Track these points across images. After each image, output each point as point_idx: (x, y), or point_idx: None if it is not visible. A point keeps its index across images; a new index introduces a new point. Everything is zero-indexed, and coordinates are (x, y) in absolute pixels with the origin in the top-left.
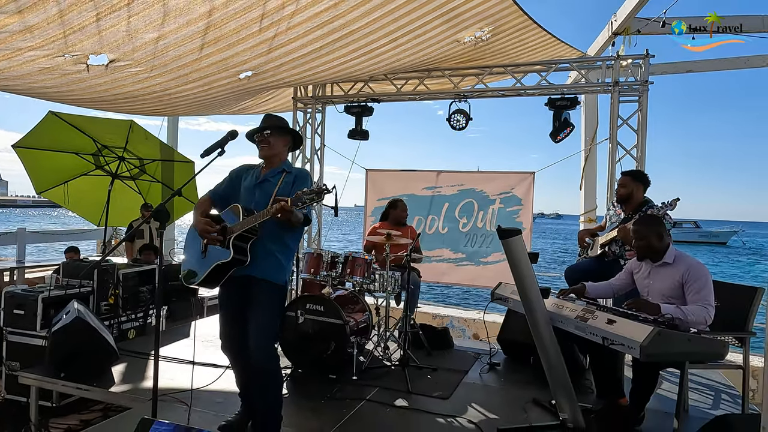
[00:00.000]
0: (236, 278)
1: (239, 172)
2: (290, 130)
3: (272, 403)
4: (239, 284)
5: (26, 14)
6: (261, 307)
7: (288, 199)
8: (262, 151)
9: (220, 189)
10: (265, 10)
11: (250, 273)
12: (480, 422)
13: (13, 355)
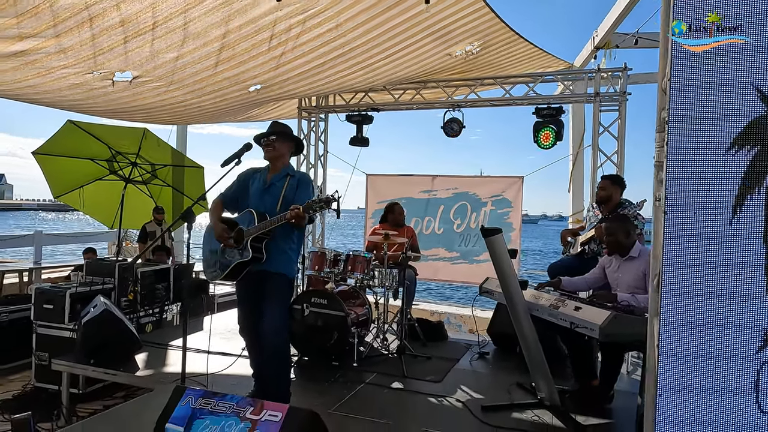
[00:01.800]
0: (254, 273)
1: (246, 176)
2: (294, 136)
3: (283, 381)
4: (257, 278)
5: (62, 38)
6: (275, 296)
7: (301, 207)
8: (268, 153)
9: (230, 192)
10: (273, 32)
11: (266, 268)
12: (467, 401)
13: (43, 346)
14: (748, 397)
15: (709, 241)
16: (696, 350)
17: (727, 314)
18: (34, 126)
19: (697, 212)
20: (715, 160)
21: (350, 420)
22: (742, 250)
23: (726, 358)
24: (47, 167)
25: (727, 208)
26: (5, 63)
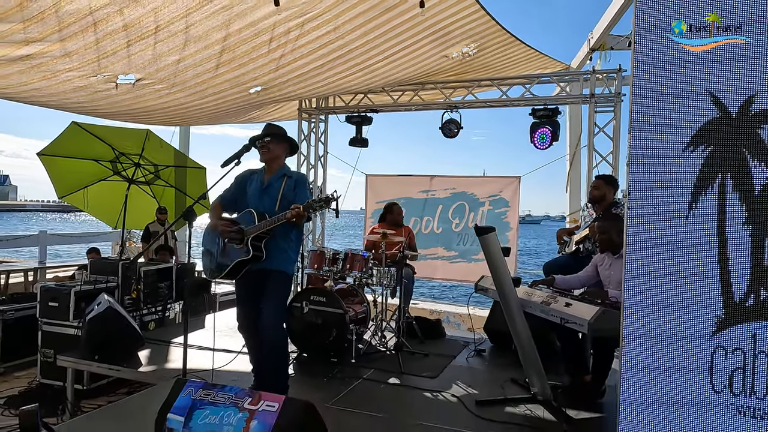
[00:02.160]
0: (253, 271)
1: (244, 177)
2: (288, 137)
3: (281, 375)
4: (257, 276)
5: (67, 42)
6: (274, 293)
7: (301, 206)
8: (264, 155)
9: (228, 194)
10: (273, 35)
11: (266, 266)
12: (462, 396)
13: (48, 343)
14: (703, 377)
15: (668, 233)
16: (655, 332)
17: (684, 301)
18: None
19: (658, 206)
20: (674, 159)
21: (347, 414)
22: (696, 241)
23: (684, 339)
24: (52, 168)
25: (684, 203)
26: (11, 67)
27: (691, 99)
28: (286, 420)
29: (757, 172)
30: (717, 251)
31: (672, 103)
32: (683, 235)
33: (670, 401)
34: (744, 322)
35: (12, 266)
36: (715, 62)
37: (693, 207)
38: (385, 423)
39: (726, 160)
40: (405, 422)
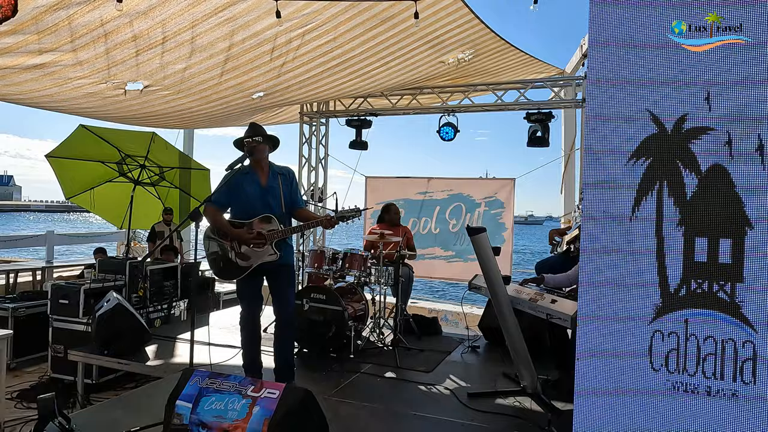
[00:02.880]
0: (267, 267)
1: (236, 180)
2: (272, 137)
3: (292, 352)
4: (270, 271)
5: (79, 52)
6: (292, 284)
7: (335, 217)
8: (257, 155)
9: (222, 197)
10: (275, 44)
11: (280, 262)
12: (455, 389)
13: (58, 339)
14: (643, 358)
15: (615, 233)
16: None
17: (629, 292)
18: (42, 128)
19: (606, 210)
20: (619, 169)
21: (345, 404)
22: (639, 240)
23: (628, 325)
24: (60, 169)
25: (628, 207)
26: (26, 74)
27: (634, 117)
28: (286, 405)
29: (688, 180)
30: (655, 248)
31: (619, 121)
32: (627, 235)
33: (616, 379)
34: (678, 309)
35: (20, 266)
36: (654, 85)
37: (636, 210)
38: (381, 413)
39: (663, 170)
40: (399, 412)
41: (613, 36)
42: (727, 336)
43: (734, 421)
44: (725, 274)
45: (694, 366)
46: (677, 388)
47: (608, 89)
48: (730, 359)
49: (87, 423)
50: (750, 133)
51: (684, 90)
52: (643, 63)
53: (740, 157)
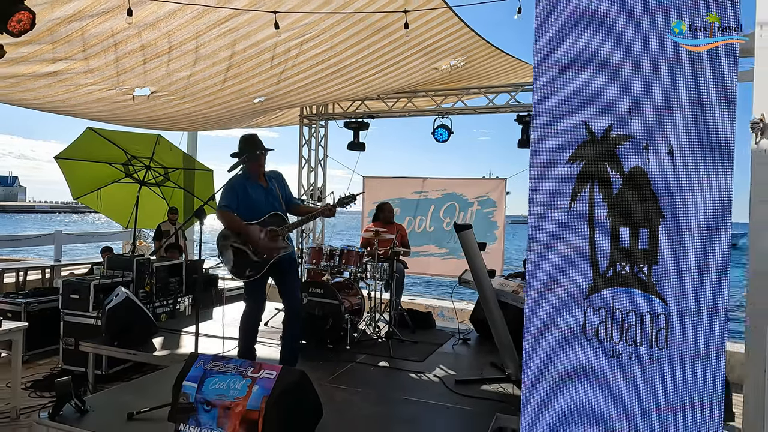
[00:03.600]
0: (278, 260)
1: (241, 186)
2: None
3: (298, 342)
4: (278, 266)
5: (90, 60)
6: (298, 273)
7: (334, 204)
8: (263, 167)
9: (233, 203)
10: (274, 53)
11: (290, 256)
12: (443, 377)
13: (69, 332)
14: (578, 330)
15: (556, 224)
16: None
17: (568, 274)
18: (47, 129)
19: (549, 205)
20: (559, 170)
21: (339, 390)
22: (575, 230)
23: (566, 302)
24: (68, 170)
25: (566, 202)
26: (40, 81)
27: (571, 125)
28: (283, 385)
29: (614, 180)
30: (588, 237)
31: (558, 128)
32: (566, 226)
33: (555, 348)
34: (606, 288)
35: (29, 264)
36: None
37: (572, 205)
38: (372, 397)
39: (594, 171)
40: (390, 397)
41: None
42: (645, 309)
43: (651, 379)
44: (643, 258)
45: (619, 335)
46: (606, 354)
47: (550, 101)
48: (648, 329)
49: (100, 405)
50: (662, 140)
51: (611, 104)
52: (577, 83)
53: (655, 160)
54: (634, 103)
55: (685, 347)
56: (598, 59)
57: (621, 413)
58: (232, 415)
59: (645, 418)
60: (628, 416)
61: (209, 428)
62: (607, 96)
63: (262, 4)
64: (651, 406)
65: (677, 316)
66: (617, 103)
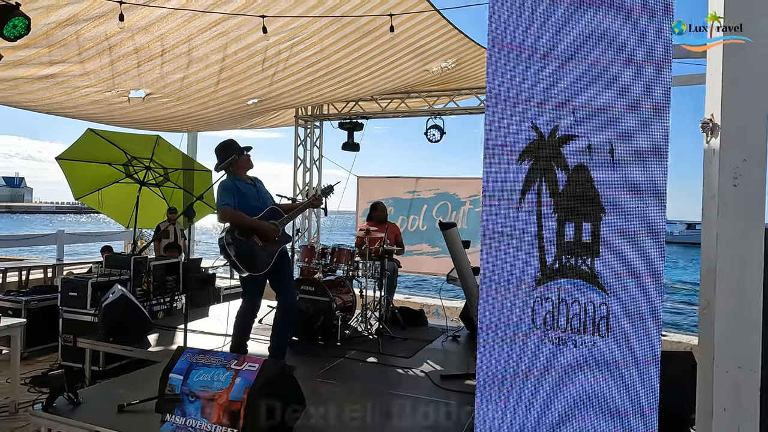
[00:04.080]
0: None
1: (236, 185)
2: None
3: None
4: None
5: (86, 63)
6: (291, 268)
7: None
8: (251, 165)
9: (233, 201)
10: (265, 56)
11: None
12: (429, 372)
13: (68, 329)
14: (528, 318)
15: (507, 219)
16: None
17: (517, 266)
18: (53, 130)
19: (500, 201)
20: (509, 168)
21: (326, 384)
22: (524, 225)
23: (516, 293)
24: (69, 171)
25: (516, 198)
26: (38, 84)
27: (520, 126)
28: (265, 377)
29: (560, 177)
30: (536, 231)
31: (508, 129)
32: (516, 221)
33: (506, 336)
34: (552, 279)
35: (32, 263)
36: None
37: (521, 201)
38: (358, 391)
39: (541, 169)
40: (376, 391)
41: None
42: (588, 300)
43: (593, 365)
44: (586, 251)
45: (564, 324)
46: (552, 342)
47: (502, 104)
48: (590, 318)
49: (92, 397)
50: (603, 139)
51: (557, 106)
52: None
53: (597, 159)
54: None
55: (624, 334)
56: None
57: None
58: (216, 405)
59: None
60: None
61: (194, 418)
62: (554, 99)
63: (250, 9)
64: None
65: (617, 306)
66: (563, 105)
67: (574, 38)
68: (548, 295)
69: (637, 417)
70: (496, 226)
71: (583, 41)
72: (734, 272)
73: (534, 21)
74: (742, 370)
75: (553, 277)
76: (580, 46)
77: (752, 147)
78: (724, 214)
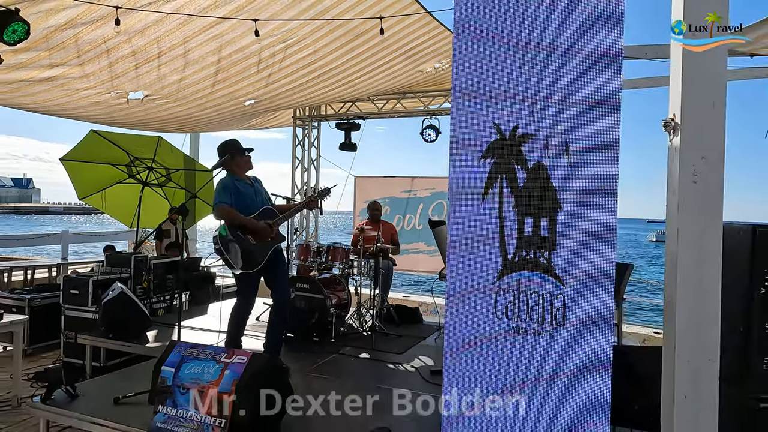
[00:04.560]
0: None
1: (235, 185)
2: None
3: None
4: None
5: (85, 66)
6: (285, 265)
7: (316, 196)
8: (250, 166)
9: (232, 200)
10: (260, 57)
11: (280, 247)
12: (420, 367)
13: (70, 326)
14: (490, 309)
15: (469, 217)
16: (464, 283)
17: (481, 259)
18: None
19: (465, 198)
20: (473, 166)
21: (319, 378)
22: (486, 222)
23: (480, 285)
24: (73, 172)
25: (479, 195)
26: (39, 86)
27: (482, 126)
28: (252, 369)
29: (520, 174)
30: (498, 226)
31: (472, 128)
32: (479, 216)
33: (471, 325)
34: (513, 272)
35: (37, 262)
36: (496, 102)
37: (484, 197)
38: (349, 385)
39: (503, 166)
40: (366, 385)
41: (468, 65)
42: (546, 291)
43: (550, 352)
44: (544, 245)
45: (524, 314)
46: (513, 331)
47: (466, 104)
48: (548, 308)
49: (89, 390)
50: (560, 138)
51: (516, 106)
52: (488, 85)
53: (554, 157)
54: (536, 105)
55: (579, 323)
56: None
57: (526, 380)
58: (205, 396)
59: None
60: (532, 382)
61: (185, 409)
62: (513, 99)
63: (243, 12)
64: (550, 373)
65: (572, 297)
66: (522, 106)
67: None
68: (509, 286)
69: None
70: (461, 221)
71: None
72: (693, 267)
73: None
74: (701, 360)
75: (513, 270)
76: (538, 35)
77: (710, 147)
78: (684, 210)
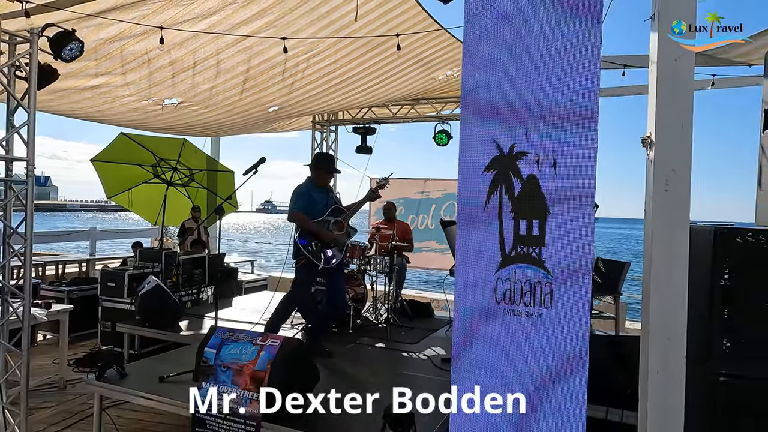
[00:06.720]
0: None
1: (308, 192)
2: None
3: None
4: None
5: (128, 75)
6: (343, 277)
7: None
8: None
9: (303, 206)
10: (285, 67)
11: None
12: (431, 356)
13: (106, 316)
14: (491, 295)
15: (474, 219)
16: (471, 275)
17: (483, 254)
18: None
19: (471, 204)
20: (478, 177)
21: (338, 364)
22: (488, 224)
23: (483, 275)
24: (102, 172)
25: (482, 202)
26: (84, 94)
27: (485, 144)
28: (285, 351)
29: (516, 184)
30: (498, 227)
31: (476, 145)
32: (482, 220)
33: (475, 308)
34: (510, 264)
35: (67, 258)
36: (497, 124)
37: (486, 204)
38: (366, 370)
39: (502, 178)
40: (382, 371)
41: (473, 91)
42: (537, 280)
43: (540, 330)
44: (536, 242)
45: (519, 299)
46: (510, 313)
47: (471, 125)
48: (538, 294)
49: (136, 370)
50: (548, 155)
51: (513, 128)
52: (488, 109)
53: (543, 170)
54: (529, 128)
55: (563, 306)
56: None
57: (520, 357)
58: (244, 374)
59: (537, 358)
60: (525, 360)
61: (226, 385)
62: (511, 122)
63: (271, 27)
64: (540, 349)
65: (558, 285)
66: (518, 128)
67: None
68: (507, 276)
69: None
70: (467, 224)
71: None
72: (665, 262)
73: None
74: (670, 341)
75: (510, 263)
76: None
77: (679, 160)
78: (657, 214)
